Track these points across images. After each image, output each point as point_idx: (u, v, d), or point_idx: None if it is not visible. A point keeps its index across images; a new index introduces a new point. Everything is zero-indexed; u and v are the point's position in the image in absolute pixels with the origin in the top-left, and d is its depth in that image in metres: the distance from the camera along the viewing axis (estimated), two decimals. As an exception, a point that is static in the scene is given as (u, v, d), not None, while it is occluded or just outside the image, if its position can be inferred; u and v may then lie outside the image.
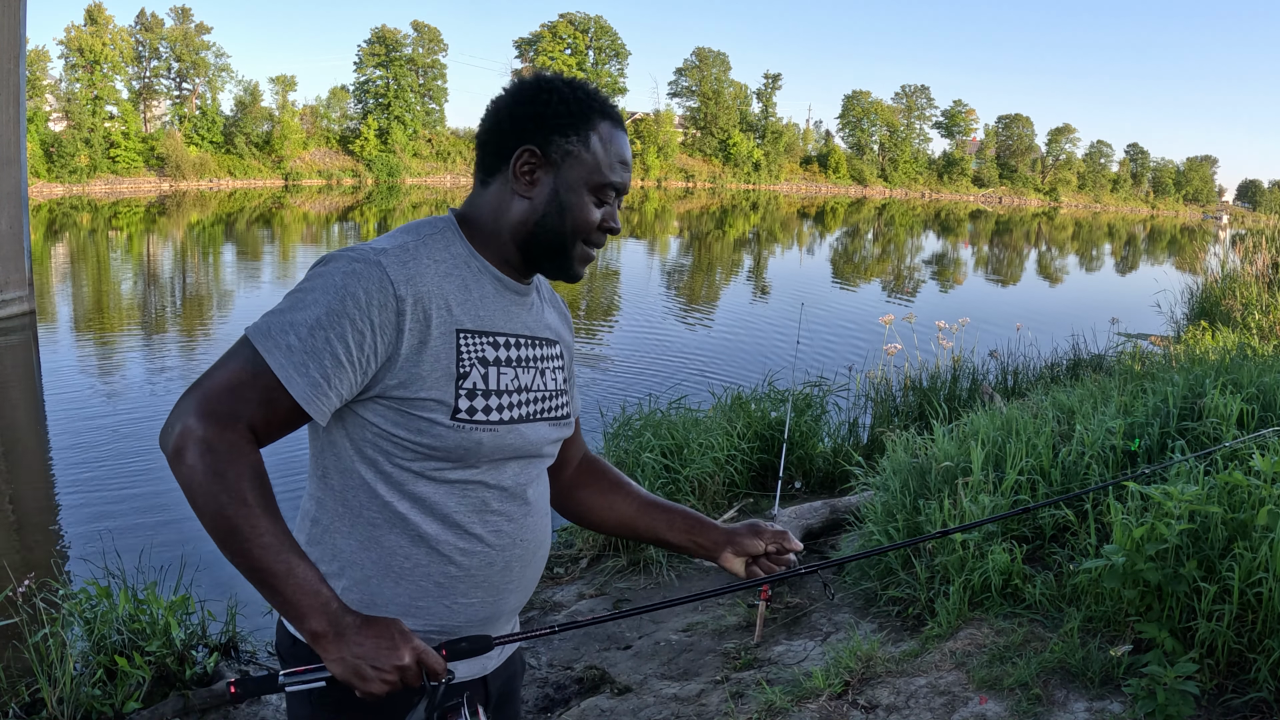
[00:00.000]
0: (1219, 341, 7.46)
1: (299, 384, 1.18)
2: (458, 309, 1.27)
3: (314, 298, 1.20)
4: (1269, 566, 2.75)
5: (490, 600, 1.35)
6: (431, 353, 1.23)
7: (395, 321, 1.21)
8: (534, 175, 1.30)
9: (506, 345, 1.33)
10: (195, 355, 9.75)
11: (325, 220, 30.95)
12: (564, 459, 1.58)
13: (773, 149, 68.95)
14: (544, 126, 1.29)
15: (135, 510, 5.39)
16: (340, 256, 1.24)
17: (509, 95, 1.33)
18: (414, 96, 55.62)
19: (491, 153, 1.34)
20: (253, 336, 1.20)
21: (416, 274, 1.24)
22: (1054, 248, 37.28)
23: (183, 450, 1.14)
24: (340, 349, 1.18)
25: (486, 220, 1.34)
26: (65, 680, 2.97)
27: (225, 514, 1.13)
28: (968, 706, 2.84)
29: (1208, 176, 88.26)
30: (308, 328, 1.18)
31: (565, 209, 1.31)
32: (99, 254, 19.63)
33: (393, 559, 1.29)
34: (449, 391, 1.25)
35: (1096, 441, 4.04)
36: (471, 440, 1.27)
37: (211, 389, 1.18)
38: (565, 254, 1.34)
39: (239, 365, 1.19)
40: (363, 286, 1.19)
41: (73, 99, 42.53)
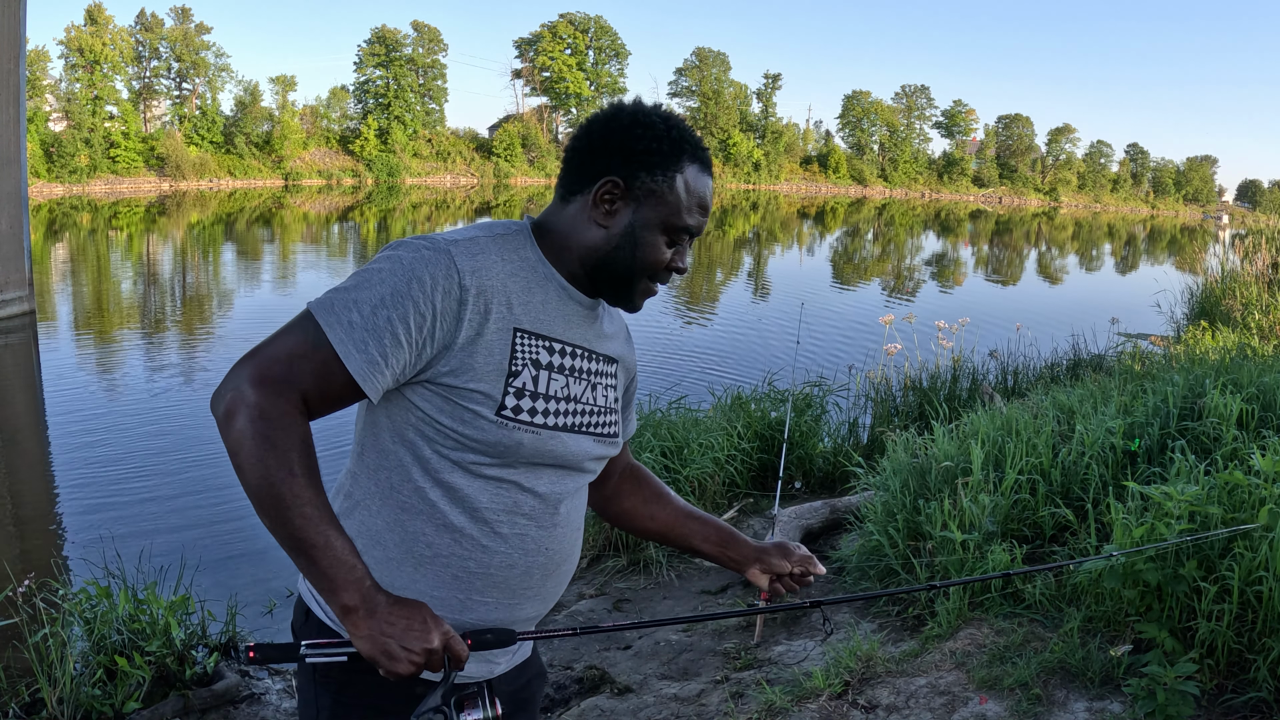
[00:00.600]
0: (1219, 341, 7.46)
1: (356, 359, 1.19)
2: (518, 308, 1.28)
3: (381, 277, 1.21)
4: (1269, 566, 2.75)
5: (506, 603, 1.35)
6: (485, 345, 1.24)
7: (456, 310, 1.22)
8: (614, 206, 1.31)
9: (562, 353, 1.33)
10: (195, 355, 9.75)
11: (325, 220, 30.95)
12: (611, 468, 1.60)
13: (773, 149, 68.95)
14: (632, 160, 1.29)
15: (135, 510, 5.39)
16: (412, 242, 1.26)
17: (604, 120, 1.33)
18: (414, 96, 55.62)
19: (576, 171, 1.34)
20: (315, 310, 1.21)
21: (483, 267, 1.25)
22: (1054, 248, 37.28)
23: (234, 414, 1.15)
24: (400, 329, 1.19)
25: (560, 235, 1.34)
26: (65, 680, 2.97)
27: (271, 481, 1.13)
28: (968, 706, 2.84)
29: (1208, 176, 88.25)
30: (371, 306, 1.19)
31: (638, 245, 1.32)
32: (99, 254, 19.63)
33: (415, 544, 1.29)
34: (498, 386, 1.25)
35: (1096, 441, 4.04)
36: (512, 439, 1.27)
37: (269, 357, 1.19)
38: (629, 287, 1.35)
39: (299, 336, 1.21)
40: (429, 271, 1.21)
41: (73, 99, 42.52)
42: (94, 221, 27.57)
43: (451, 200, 43.71)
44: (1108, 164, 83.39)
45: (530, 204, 43.13)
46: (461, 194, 48.45)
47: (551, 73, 63.09)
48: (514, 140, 59.08)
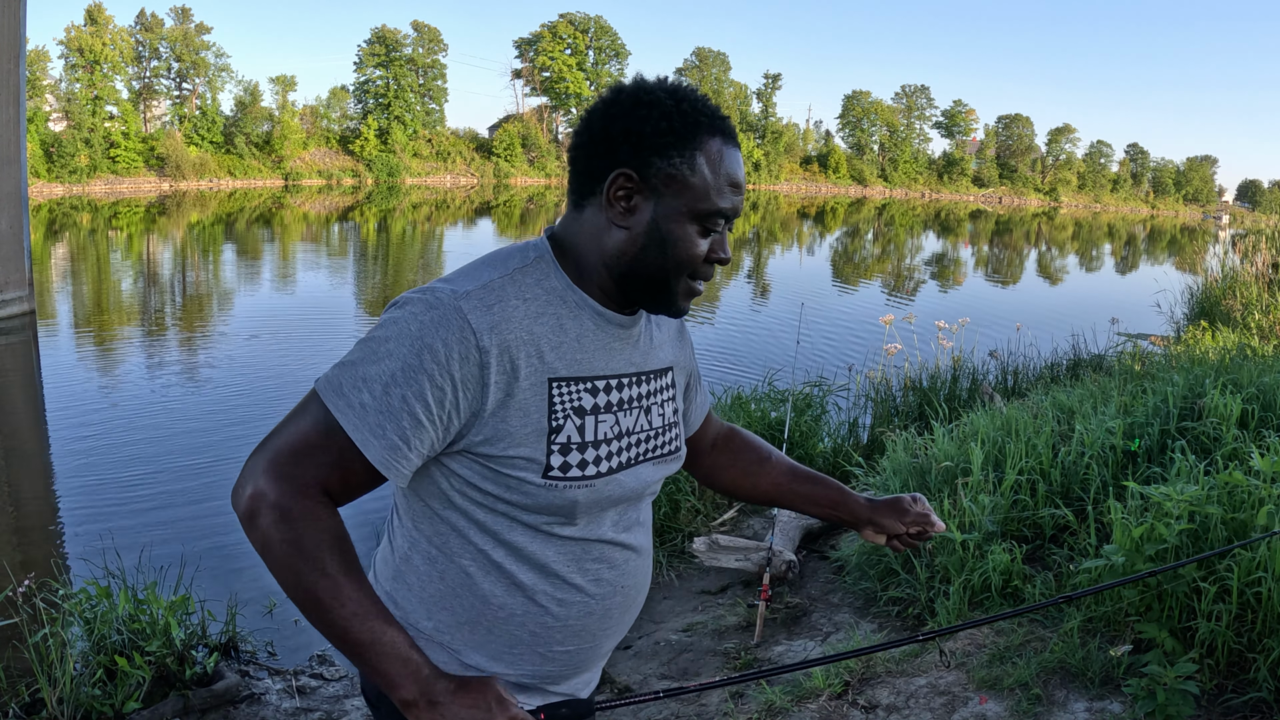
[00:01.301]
0: (1219, 341, 7.46)
1: (375, 447, 1.08)
2: (551, 354, 1.14)
3: (388, 349, 1.09)
4: (1268, 566, 2.75)
5: (587, 647, 1.28)
6: (519, 406, 1.12)
7: (479, 375, 1.09)
8: (631, 202, 1.15)
9: (607, 389, 1.20)
10: (195, 354, 9.75)
11: (325, 220, 30.96)
12: (698, 445, 1.52)
13: (773, 149, 68.95)
14: (642, 146, 1.13)
15: (135, 510, 5.39)
16: (416, 300, 1.11)
17: (601, 107, 1.18)
18: (414, 96, 55.62)
19: (583, 172, 1.18)
20: (322, 393, 1.10)
21: (502, 319, 1.11)
22: (1054, 248, 37.28)
23: (255, 515, 1.07)
24: (419, 408, 1.08)
25: (582, 249, 1.19)
26: (65, 680, 2.97)
27: (305, 584, 1.07)
28: (968, 706, 2.84)
29: (1208, 176, 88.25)
30: (382, 384, 1.08)
31: (667, 241, 1.16)
32: (99, 254, 19.63)
33: (486, 607, 1.20)
34: (539, 448, 1.13)
35: (1096, 441, 4.04)
36: (565, 499, 1.16)
37: (282, 449, 1.10)
38: (667, 290, 1.19)
39: (309, 424, 1.10)
40: (441, 338, 1.08)
41: (73, 99, 42.52)
42: (94, 221, 27.57)
43: (451, 200, 43.71)
44: (1108, 164, 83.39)
45: (531, 204, 43.09)
46: (461, 194, 48.45)
47: (551, 73, 63.09)
48: (514, 140, 59.09)
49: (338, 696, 3.39)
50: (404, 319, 1.10)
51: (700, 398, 1.49)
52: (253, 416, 7.34)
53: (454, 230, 30.02)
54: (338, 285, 16.14)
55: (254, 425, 7.08)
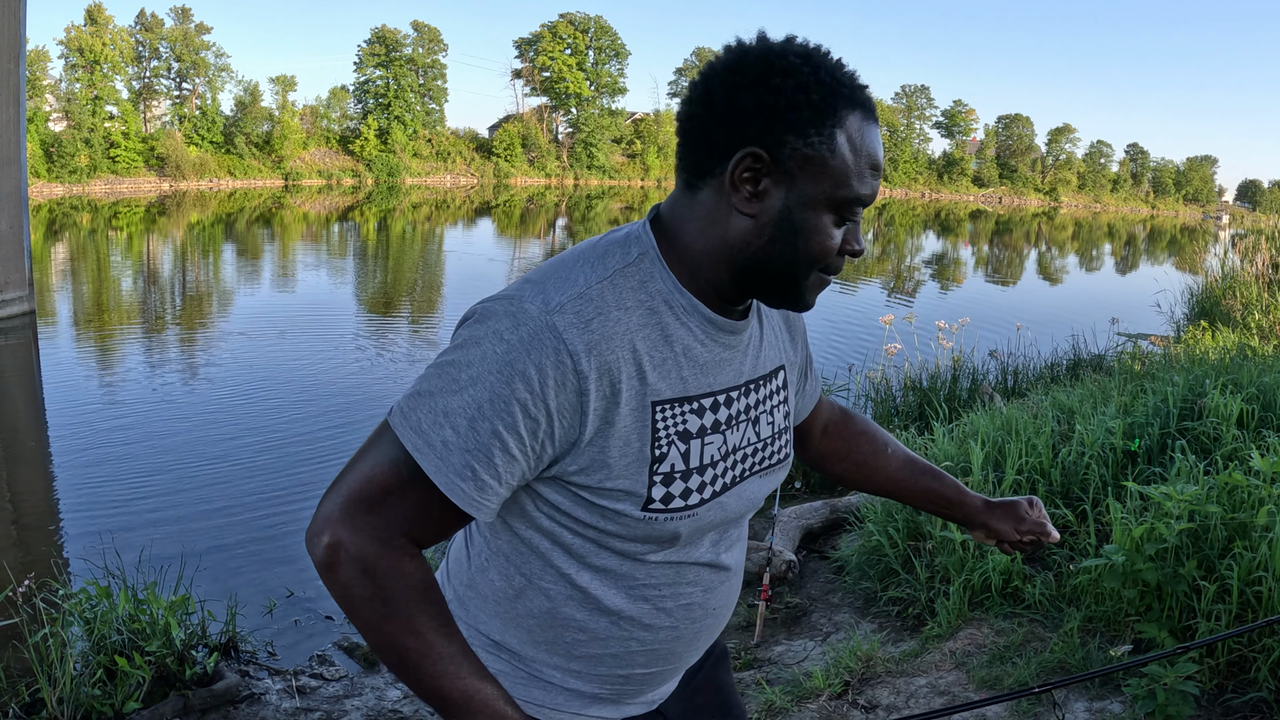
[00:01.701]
0: (1219, 341, 7.46)
1: (462, 491, 0.96)
2: (653, 374, 1.01)
3: (471, 375, 0.95)
4: (1268, 566, 2.75)
5: (671, 668, 1.21)
6: (620, 435, 0.99)
7: (577, 403, 0.96)
8: (759, 186, 0.99)
9: (714, 407, 1.07)
10: (195, 354, 9.75)
11: (325, 220, 30.96)
12: (808, 432, 1.42)
13: (773, 149, 68.92)
14: (776, 122, 0.96)
15: (135, 510, 5.39)
16: (499, 315, 0.97)
17: (725, 72, 0.99)
18: (414, 96, 55.62)
19: (701, 149, 1.01)
20: (398, 429, 0.97)
21: (602, 337, 0.97)
22: (1054, 248, 37.28)
23: (335, 566, 0.97)
24: (512, 442, 0.96)
25: (694, 238, 1.03)
26: (65, 680, 2.97)
27: (393, 643, 0.98)
28: (967, 706, 2.84)
29: (1208, 176, 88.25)
30: (467, 419, 0.95)
31: (799, 231, 1.00)
32: (99, 254, 19.63)
33: (565, 631, 1.12)
34: (640, 480, 1.02)
35: (1096, 441, 4.04)
36: (665, 531, 1.06)
37: (359, 494, 0.98)
38: (795, 285, 1.05)
39: (386, 466, 0.98)
40: (534, 361, 0.94)
41: (73, 99, 42.52)
42: (94, 221, 27.57)
43: (451, 200, 43.71)
44: (1108, 164, 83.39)
45: (531, 204, 43.09)
46: (461, 194, 48.45)
47: (551, 73, 63.08)
48: (514, 140, 59.09)
49: (338, 696, 3.39)
50: (487, 339, 0.96)
51: (811, 385, 1.37)
52: (253, 416, 7.34)
53: (454, 230, 30.02)
54: (338, 285, 16.14)
55: (254, 425, 7.09)
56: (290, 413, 7.52)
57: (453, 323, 8.26)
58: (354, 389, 8.39)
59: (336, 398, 8.04)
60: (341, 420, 7.34)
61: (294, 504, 5.54)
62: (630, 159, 65.20)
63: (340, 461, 6.45)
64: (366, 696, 3.39)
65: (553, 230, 31.12)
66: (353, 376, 8.87)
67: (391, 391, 8.35)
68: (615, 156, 64.37)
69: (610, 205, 44.65)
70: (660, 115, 66.27)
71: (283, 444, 6.67)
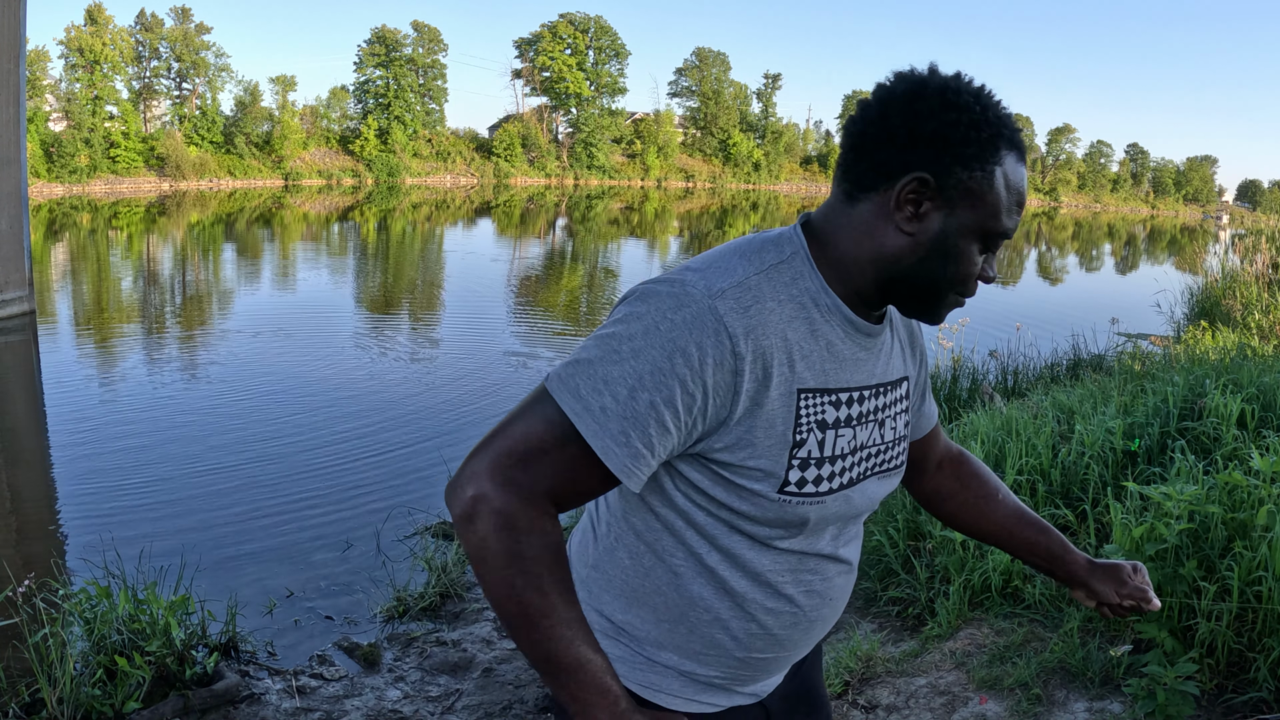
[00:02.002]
0: (1219, 341, 7.46)
1: (616, 455, 1.01)
2: (801, 363, 1.07)
3: (634, 347, 1.01)
4: (1269, 566, 2.75)
5: (785, 655, 1.25)
6: (766, 417, 1.06)
7: (731, 382, 1.03)
8: (921, 208, 1.07)
9: (849, 402, 1.14)
10: (196, 354, 9.75)
11: (325, 220, 30.97)
12: (922, 462, 1.45)
13: (773, 149, 68.99)
14: (946, 152, 1.05)
15: (135, 510, 5.39)
16: (663, 295, 1.04)
17: (905, 100, 1.07)
18: (414, 96, 55.64)
19: (868, 163, 1.09)
20: (556, 394, 1.03)
21: (759, 323, 1.04)
22: (1054, 248, 37.28)
23: (474, 518, 1.01)
24: (668, 415, 1.01)
25: (848, 246, 1.11)
26: (65, 680, 2.97)
27: (519, 599, 1.02)
28: (968, 706, 2.84)
29: (1208, 176, 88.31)
30: (627, 388, 1.00)
31: (949, 255, 1.08)
32: (99, 254, 19.63)
33: (690, 608, 1.17)
34: (780, 461, 1.08)
35: (1096, 441, 4.04)
36: (796, 515, 1.12)
37: (510, 451, 1.03)
38: (935, 302, 1.13)
39: (541, 426, 1.03)
40: (695, 340, 1.00)
41: (73, 99, 42.54)
42: (94, 221, 27.58)
43: (451, 200, 43.72)
44: (1108, 164, 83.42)
45: (531, 204, 43.08)
46: (461, 194, 48.46)
47: (551, 73, 63.10)
48: (514, 140, 59.11)
49: (338, 696, 3.39)
50: (651, 315, 1.02)
51: (928, 407, 1.41)
52: (253, 416, 7.34)
53: (454, 230, 30.03)
54: (338, 285, 16.14)
55: (254, 424, 7.09)
56: (291, 412, 7.52)
57: (453, 322, 8.32)
58: (355, 389, 8.39)
59: (337, 398, 8.04)
60: (342, 420, 7.34)
61: (294, 503, 5.55)
62: (630, 159, 65.21)
63: (340, 460, 6.47)
64: (366, 696, 3.39)
65: (553, 230, 31.12)
66: (353, 376, 8.87)
67: (392, 391, 8.35)
68: (615, 156, 64.39)
69: (610, 205, 44.66)
70: (660, 115, 66.30)
71: (283, 444, 6.67)
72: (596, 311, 14.36)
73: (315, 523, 5.27)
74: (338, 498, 5.67)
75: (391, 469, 6.24)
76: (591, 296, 15.95)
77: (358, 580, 4.53)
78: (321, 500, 5.62)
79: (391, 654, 3.73)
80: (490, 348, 10.55)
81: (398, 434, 7.01)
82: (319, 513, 5.42)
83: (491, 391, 8.51)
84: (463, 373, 9.24)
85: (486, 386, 8.71)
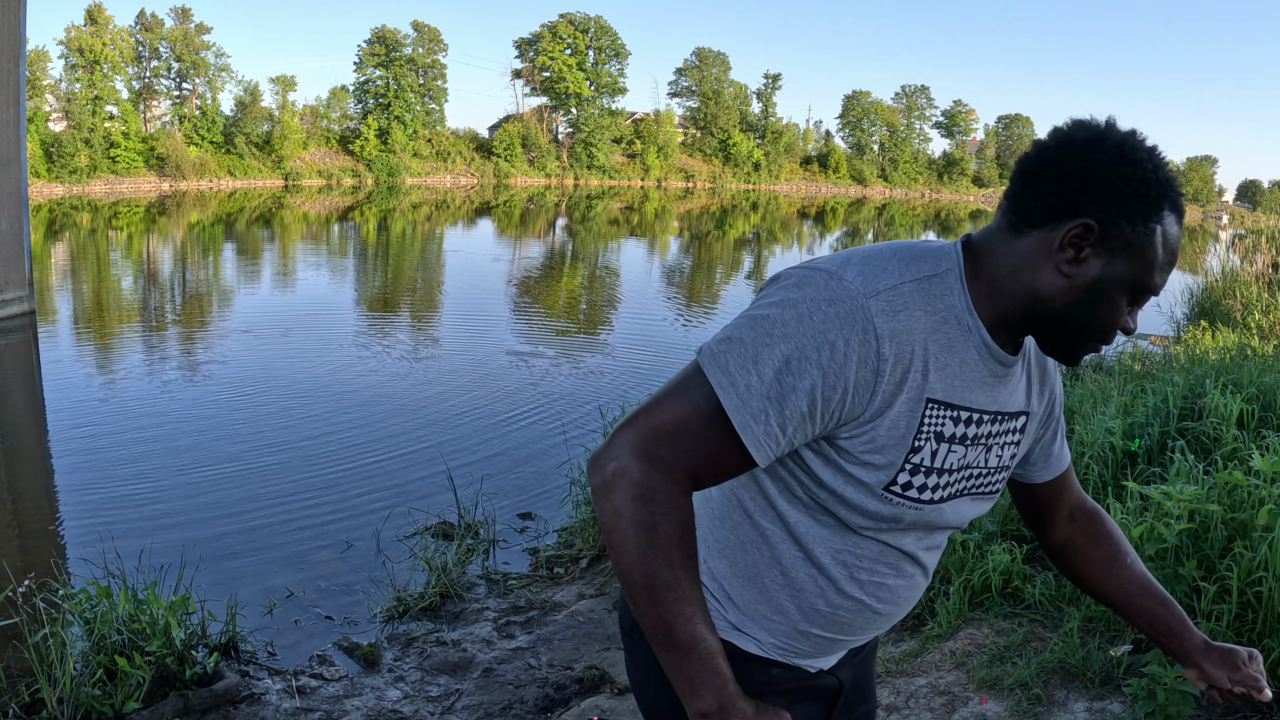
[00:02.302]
0: (1219, 341, 7.46)
1: (753, 431, 1.06)
2: (934, 374, 1.11)
3: (785, 332, 1.06)
4: (1269, 566, 2.75)
5: (844, 639, 1.30)
6: (892, 418, 1.10)
7: (870, 381, 1.07)
8: (1082, 253, 1.10)
9: (967, 422, 1.17)
10: (195, 354, 9.76)
11: (325, 220, 30.96)
12: (1053, 511, 1.44)
13: (773, 149, 68.96)
14: (1114, 204, 1.08)
15: (135, 510, 5.39)
16: (818, 284, 1.08)
17: (1083, 148, 1.09)
18: (414, 96, 55.62)
19: (1039, 202, 1.11)
20: (706, 367, 1.08)
21: (905, 329, 1.08)
22: (1054, 248, 37.23)
23: (612, 488, 1.06)
24: (805, 402, 1.06)
25: (1003, 274, 1.14)
26: (65, 680, 2.97)
27: (648, 569, 1.06)
28: (968, 706, 2.84)
29: (1208, 176, 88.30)
30: (774, 369, 1.05)
31: (1099, 303, 1.12)
32: (99, 254, 19.63)
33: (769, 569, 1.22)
34: (895, 461, 1.13)
35: (1096, 441, 4.04)
36: (893, 512, 1.17)
37: (656, 428, 1.07)
38: (1076, 346, 1.17)
39: (688, 406, 1.08)
40: (843, 336, 1.05)
41: (73, 99, 42.51)
42: (94, 221, 27.58)
43: (451, 200, 43.72)
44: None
45: (531, 204, 43.08)
46: (461, 194, 48.46)
47: (551, 73, 63.09)
48: (514, 140, 59.10)
49: (338, 696, 3.39)
50: (804, 304, 1.07)
51: (1059, 449, 1.41)
52: (254, 416, 7.34)
53: (454, 230, 30.03)
54: (338, 284, 16.14)
55: (254, 424, 7.09)
56: (291, 412, 7.52)
57: (454, 322, 8.31)
58: (355, 388, 8.39)
59: (338, 397, 8.04)
60: (343, 419, 7.34)
61: (294, 503, 5.55)
62: (630, 159, 65.20)
63: (341, 460, 6.46)
64: (366, 696, 3.39)
65: (553, 230, 31.13)
66: (354, 376, 8.87)
67: (392, 391, 8.35)
68: (615, 156, 64.37)
69: (610, 205, 44.66)
70: (660, 115, 66.29)
71: (284, 443, 6.67)
72: (597, 311, 14.36)
73: (315, 523, 5.27)
74: (338, 497, 5.67)
75: (392, 469, 6.24)
76: (592, 296, 15.95)
77: (358, 580, 4.53)
78: (321, 500, 5.62)
79: (391, 654, 3.73)
80: (491, 347, 10.55)
81: (398, 434, 7.02)
82: (319, 512, 5.43)
83: (492, 391, 8.51)
84: (464, 372, 9.24)
85: (487, 386, 8.71)
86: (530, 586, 4.43)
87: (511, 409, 7.93)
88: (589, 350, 10.71)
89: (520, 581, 4.50)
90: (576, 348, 10.81)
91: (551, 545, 5.01)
